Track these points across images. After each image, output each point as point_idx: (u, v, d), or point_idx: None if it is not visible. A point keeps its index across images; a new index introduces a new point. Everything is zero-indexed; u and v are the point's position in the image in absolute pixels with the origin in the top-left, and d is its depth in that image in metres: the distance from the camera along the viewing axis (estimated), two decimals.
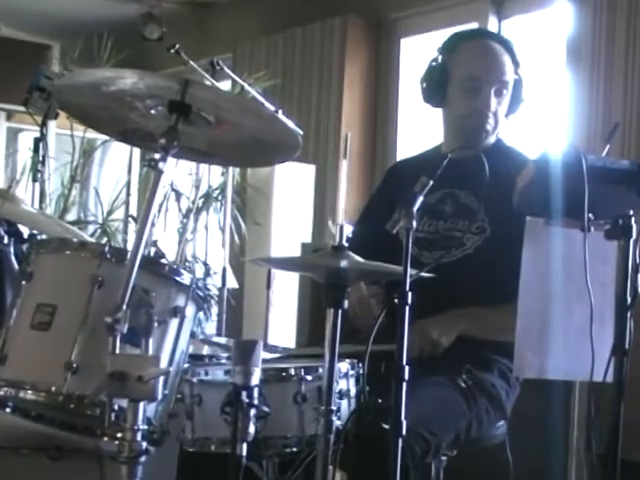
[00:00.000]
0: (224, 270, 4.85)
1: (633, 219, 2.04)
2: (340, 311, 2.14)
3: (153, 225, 2.55)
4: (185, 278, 2.14)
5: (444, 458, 2.55)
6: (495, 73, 2.77)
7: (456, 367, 2.59)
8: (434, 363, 2.56)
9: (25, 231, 2.93)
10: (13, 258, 2.89)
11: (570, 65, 4.85)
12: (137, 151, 6.66)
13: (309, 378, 2.20)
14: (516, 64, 2.80)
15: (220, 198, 6.00)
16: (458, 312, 2.66)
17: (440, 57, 2.82)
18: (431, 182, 2.19)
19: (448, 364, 2.59)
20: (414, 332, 2.10)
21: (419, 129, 5.85)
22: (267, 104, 3.72)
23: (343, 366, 2.24)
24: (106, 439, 2.02)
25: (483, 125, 2.78)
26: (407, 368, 2.01)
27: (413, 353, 2.06)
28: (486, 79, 2.76)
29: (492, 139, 2.83)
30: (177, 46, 4.23)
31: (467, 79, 2.77)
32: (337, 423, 2.14)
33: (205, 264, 6.01)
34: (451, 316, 2.65)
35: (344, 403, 2.22)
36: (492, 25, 5.47)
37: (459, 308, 2.66)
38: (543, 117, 5.11)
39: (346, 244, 2.18)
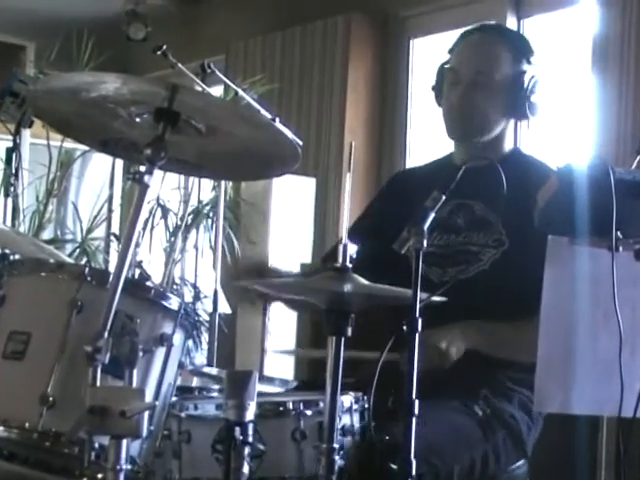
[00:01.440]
0: (215, 294, 4.84)
1: None
2: (343, 339, 2.15)
3: (137, 244, 2.55)
4: (172, 303, 2.15)
5: None
6: (472, 63, 2.81)
7: (471, 392, 2.61)
8: (447, 384, 2.55)
9: None
10: None
11: (596, 68, 4.85)
12: (120, 163, 6.67)
13: (309, 413, 2.20)
14: (519, 55, 2.81)
15: (211, 214, 5.99)
16: (469, 322, 2.67)
17: (448, 58, 2.89)
18: (444, 197, 2.21)
19: (463, 388, 2.60)
20: (421, 343, 2.10)
21: (430, 138, 5.85)
22: (263, 111, 3.74)
23: (346, 400, 2.24)
24: None
25: (462, 119, 2.81)
26: (417, 402, 2.02)
27: (422, 366, 2.06)
28: (463, 71, 2.81)
29: (488, 137, 2.83)
30: (164, 47, 4.23)
31: (448, 72, 2.84)
32: (340, 463, 2.14)
33: (195, 287, 6.01)
34: (461, 326, 2.66)
35: (347, 440, 2.22)
36: (511, 25, 5.47)
37: None
38: (567, 125, 5.12)
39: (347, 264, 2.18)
